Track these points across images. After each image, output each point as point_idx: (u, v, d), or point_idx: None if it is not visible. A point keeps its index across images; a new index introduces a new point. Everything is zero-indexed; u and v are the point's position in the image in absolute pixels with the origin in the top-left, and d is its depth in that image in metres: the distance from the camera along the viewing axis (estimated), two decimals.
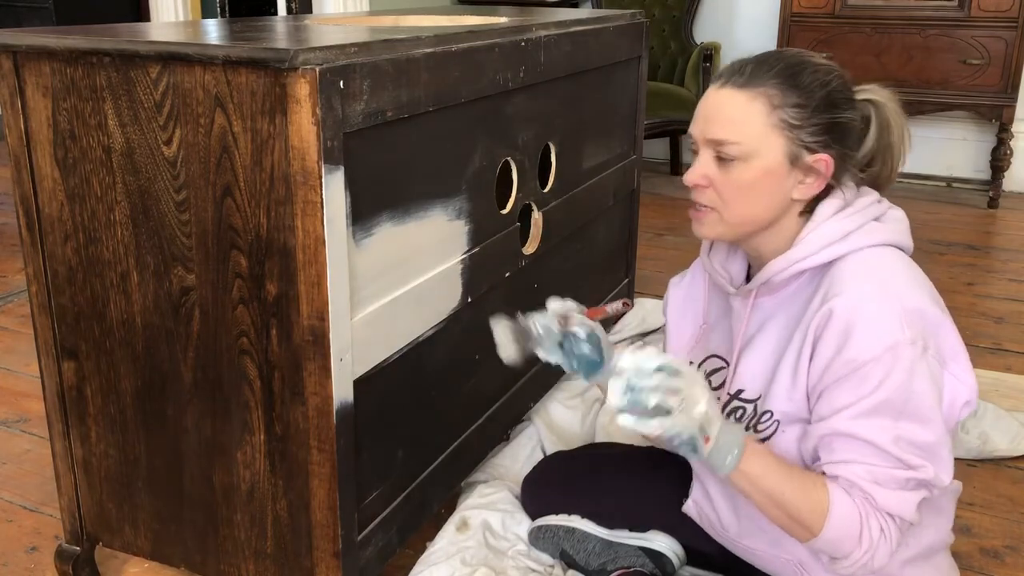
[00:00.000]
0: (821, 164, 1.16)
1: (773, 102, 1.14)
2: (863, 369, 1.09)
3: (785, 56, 1.18)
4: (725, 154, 1.16)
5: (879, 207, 1.22)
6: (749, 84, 1.15)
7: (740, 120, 1.15)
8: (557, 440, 1.89)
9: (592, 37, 1.95)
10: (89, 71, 1.19)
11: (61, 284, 1.32)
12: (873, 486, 1.10)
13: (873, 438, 1.09)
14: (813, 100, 1.14)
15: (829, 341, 1.11)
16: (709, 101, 1.19)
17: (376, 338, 1.27)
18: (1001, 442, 1.92)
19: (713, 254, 1.34)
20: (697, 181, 1.18)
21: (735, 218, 1.19)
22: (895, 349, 1.08)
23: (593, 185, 2.07)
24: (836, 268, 1.16)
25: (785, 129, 1.14)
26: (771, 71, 1.15)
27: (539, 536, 1.54)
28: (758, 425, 1.22)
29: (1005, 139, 3.87)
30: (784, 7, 3.98)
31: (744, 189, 1.16)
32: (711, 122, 1.17)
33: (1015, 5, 3.62)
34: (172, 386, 1.30)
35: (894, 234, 1.19)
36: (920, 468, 1.10)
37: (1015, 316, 2.72)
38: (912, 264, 1.19)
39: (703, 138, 1.18)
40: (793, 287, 1.21)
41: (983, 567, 1.59)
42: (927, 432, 1.10)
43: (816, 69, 1.16)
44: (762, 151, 1.15)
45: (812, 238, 1.17)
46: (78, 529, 1.46)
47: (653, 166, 4.65)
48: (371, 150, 1.20)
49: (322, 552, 1.27)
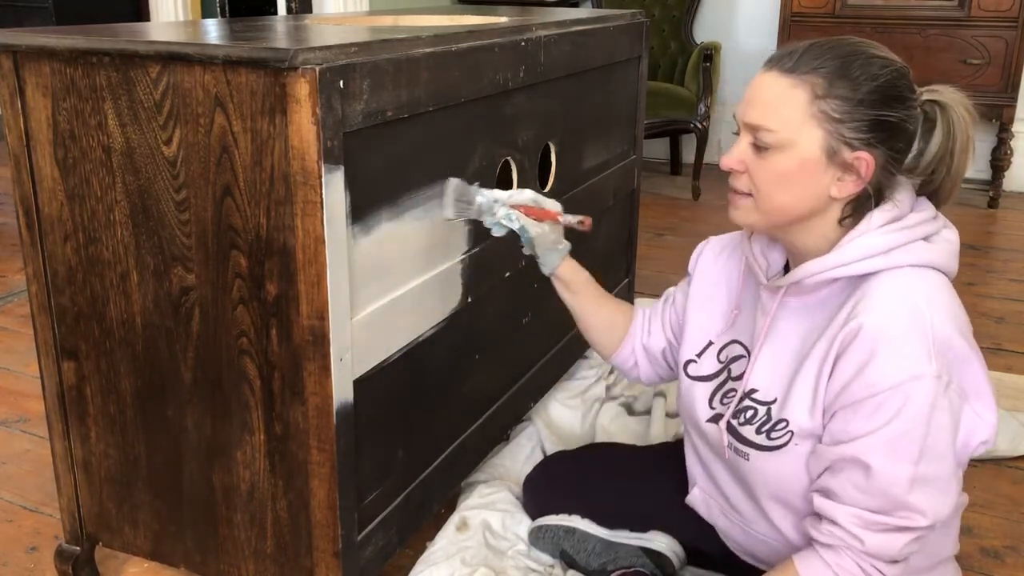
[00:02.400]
0: (861, 163, 1.09)
1: (816, 92, 1.08)
2: (880, 396, 1.05)
3: (841, 44, 1.12)
4: (761, 141, 1.12)
5: (932, 225, 1.16)
6: (795, 70, 1.10)
7: (779, 106, 1.10)
8: (557, 440, 1.89)
9: (592, 37, 1.95)
10: (89, 71, 1.19)
11: (61, 284, 1.32)
12: (861, 531, 1.09)
13: (886, 476, 1.06)
14: (859, 94, 1.08)
15: (852, 359, 1.08)
16: (754, 83, 1.14)
17: (376, 338, 1.27)
18: (1001, 442, 1.92)
19: (755, 239, 1.29)
20: (732, 166, 1.15)
21: (768, 207, 1.14)
22: (919, 380, 1.04)
23: (593, 185, 2.07)
24: (871, 283, 1.11)
25: (825, 121, 1.09)
26: (821, 59, 1.09)
27: (539, 536, 1.54)
28: (771, 432, 1.19)
29: (1005, 139, 3.87)
30: (784, 7, 3.98)
31: (778, 179, 1.12)
32: (751, 105, 1.13)
33: (1015, 5, 3.62)
34: (172, 386, 1.30)
35: (940, 256, 1.14)
36: (918, 516, 1.07)
37: (1015, 316, 2.72)
38: (952, 292, 1.13)
39: (743, 121, 1.14)
40: (824, 293, 1.17)
41: (983, 567, 1.59)
42: (942, 469, 1.08)
43: (870, 61, 1.10)
44: (798, 141, 1.10)
45: (853, 246, 1.12)
46: (78, 529, 1.46)
47: (653, 166, 4.65)
48: (371, 150, 1.20)
49: (322, 552, 1.27)
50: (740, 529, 1.33)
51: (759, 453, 1.20)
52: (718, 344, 1.33)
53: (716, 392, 1.31)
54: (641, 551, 1.46)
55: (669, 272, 3.06)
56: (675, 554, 1.45)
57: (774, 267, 1.27)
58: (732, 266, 1.36)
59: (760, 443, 1.20)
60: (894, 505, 1.07)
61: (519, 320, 1.78)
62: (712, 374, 1.32)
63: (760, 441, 1.20)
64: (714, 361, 1.33)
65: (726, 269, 1.36)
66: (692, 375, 1.34)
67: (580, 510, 1.51)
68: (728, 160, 1.16)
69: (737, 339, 1.31)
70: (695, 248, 1.44)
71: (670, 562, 1.45)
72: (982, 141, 4.15)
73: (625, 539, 1.47)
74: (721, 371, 1.31)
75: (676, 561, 1.45)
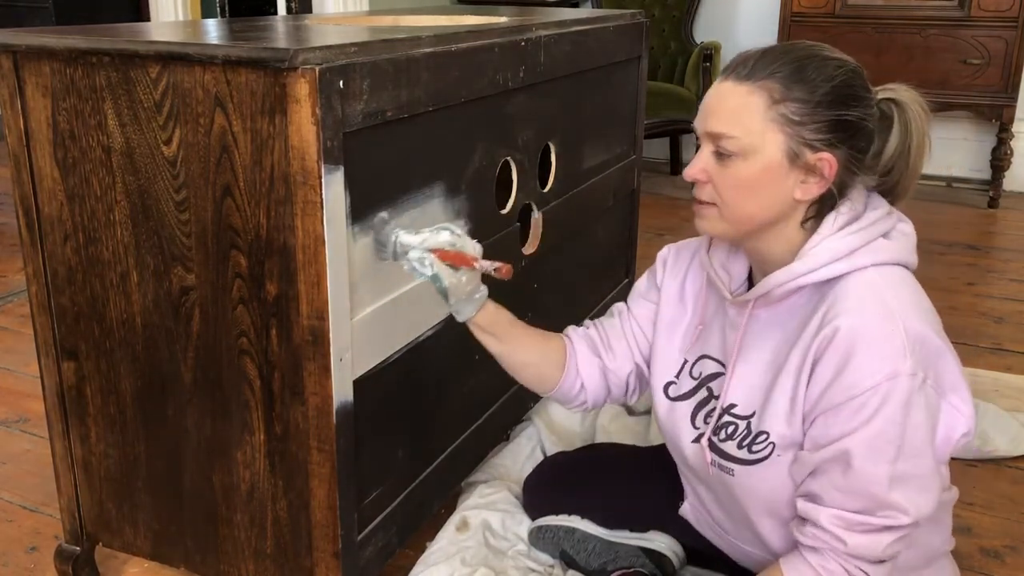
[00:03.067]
0: (824, 164, 1.10)
1: (774, 96, 1.09)
2: (860, 398, 1.06)
3: (795, 48, 1.13)
4: (723, 148, 1.12)
5: (888, 221, 1.17)
6: (751, 77, 1.11)
7: (739, 113, 1.11)
8: (557, 440, 1.89)
9: (592, 37, 1.95)
10: (89, 71, 1.19)
11: (61, 284, 1.32)
12: (844, 532, 1.09)
13: (864, 475, 1.07)
14: (816, 95, 1.09)
15: (828, 363, 1.09)
16: (711, 93, 1.15)
17: (376, 338, 1.27)
18: (1001, 442, 1.92)
19: (713, 252, 1.30)
20: (696, 176, 1.16)
21: (734, 216, 1.15)
22: (895, 379, 1.05)
23: (593, 185, 2.07)
24: (840, 287, 1.12)
25: (785, 125, 1.09)
26: (775, 63, 1.11)
27: (539, 536, 1.54)
28: (752, 446, 1.19)
29: (1005, 139, 3.87)
30: (784, 7, 3.98)
31: (742, 186, 1.12)
32: (711, 115, 1.14)
33: (1015, 5, 3.62)
34: (172, 386, 1.30)
35: (901, 252, 1.15)
36: (900, 515, 1.07)
37: (1015, 316, 2.72)
38: (916, 286, 1.15)
39: (703, 131, 1.15)
40: (791, 300, 1.18)
41: (983, 567, 1.59)
42: (920, 467, 1.08)
43: (825, 63, 1.11)
44: (760, 147, 1.10)
45: (816, 252, 1.12)
46: (78, 529, 1.46)
47: (653, 166, 4.65)
48: (371, 150, 1.20)
49: (322, 552, 1.27)
50: (728, 543, 1.34)
51: (743, 467, 1.20)
52: (690, 360, 1.32)
53: (698, 411, 1.29)
54: (641, 551, 1.46)
55: None
56: (675, 554, 1.45)
57: (737, 279, 1.27)
58: (692, 279, 1.35)
59: (743, 457, 1.20)
60: (876, 504, 1.08)
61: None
62: (689, 391, 1.31)
63: (742, 455, 1.20)
64: (688, 379, 1.32)
65: (687, 283, 1.35)
66: (673, 396, 1.33)
67: (580, 510, 1.51)
68: (691, 171, 1.16)
69: (707, 354, 1.29)
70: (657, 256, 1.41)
71: (670, 562, 1.45)
72: (982, 141, 4.15)
73: (625, 539, 1.47)
74: (698, 388, 1.30)
75: (676, 561, 1.45)
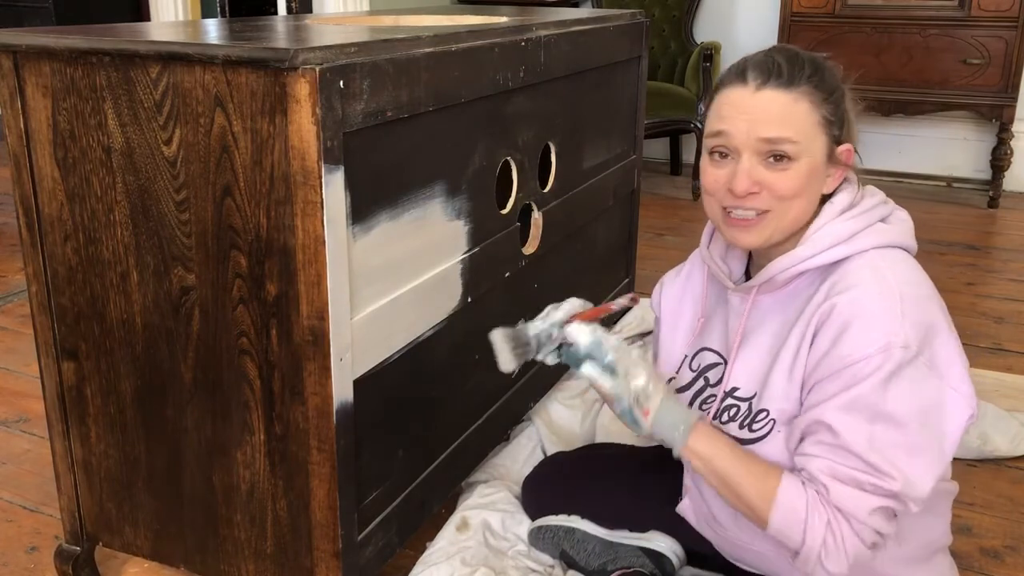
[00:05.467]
0: (845, 154, 1.18)
1: (814, 100, 1.14)
2: (854, 367, 1.09)
3: (800, 53, 1.18)
4: (782, 152, 1.13)
5: (885, 208, 1.22)
6: (792, 83, 1.14)
7: (792, 119, 1.14)
8: (557, 440, 1.89)
9: (592, 37, 1.95)
10: (89, 71, 1.19)
11: (61, 284, 1.32)
12: (830, 480, 1.10)
13: (847, 437, 1.09)
14: (835, 95, 1.16)
15: (827, 334, 1.12)
16: (751, 103, 1.14)
17: (376, 338, 1.27)
18: (1001, 442, 1.92)
19: (713, 246, 1.33)
20: (750, 188, 1.15)
21: (786, 219, 1.17)
22: (887, 351, 1.08)
23: (593, 185, 2.07)
24: (842, 269, 1.15)
25: (825, 126, 1.15)
26: (803, 68, 1.15)
27: (539, 536, 1.54)
28: (753, 424, 1.21)
29: (1005, 139, 3.86)
30: (784, 7, 3.98)
31: (799, 188, 1.15)
32: (761, 122, 1.13)
33: (1015, 5, 3.62)
34: (172, 386, 1.30)
35: (900, 235, 1.19)
36: (886, 478, 1.08)
37: (1015, 316, 2.72)
38: (917, 267, 1.19)
39: (754, 138, 1.13)
40: (793, 286, 1.21)
41: (983, 567, 1.59)
42: (901, 436, 1.09)
43: (824, 63, 1.18)
44: (811, 149, 1.15)
45: (819, 237, 1.17)
46: (78, 529, 1.46)
47: (653, 166, 4.65)
48: (371, 150, 1.20)
49: (322, 552, 1.27)
50: (724, 539, 1.35)
51: (744, 447, 1.22)
52: (689, 355, 1.36)
53: (695, 398, 1.33)
54: (641, 551, 1.46)
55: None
56: (675, 554, 1.45)
57: (736, 271, 1.31)
58: (694, 280, 1.40)
59: (744, 437, 1.22)
60: (863, 464, 1.09)
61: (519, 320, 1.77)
62: (688, 383, 1.35)
63: (743, 435, 1.22)
64: (687, 371, 1.36)
65: (688, 287, 1.40)
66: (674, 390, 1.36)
67: (580, 510, 1.51)
68: (743, 183, 1.14)
69: (707, 346, 1.33)
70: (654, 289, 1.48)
71: (670, 562, 1.45)
72: (982, 141, 4.15)
73: (625, 539, 1.47)
74: (696, 379, 1.34)
75: (676, 561, 1.45)
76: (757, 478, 1.15)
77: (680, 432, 1.18)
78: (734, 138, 1.15)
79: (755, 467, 1.17)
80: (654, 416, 1.17)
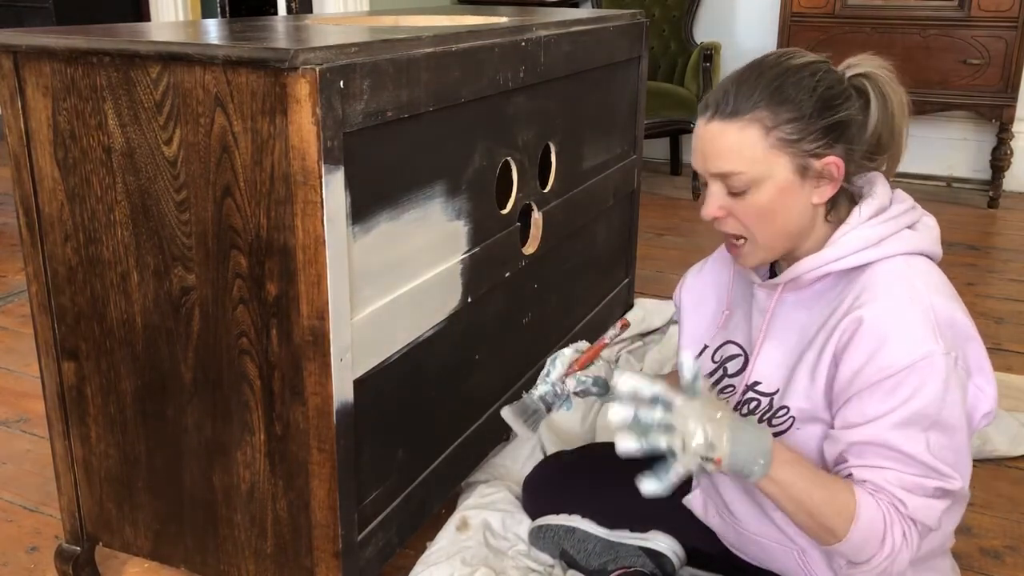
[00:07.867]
0: (831, 168, 1.14)
1: (766, 124, 1.12)
2: (896, 376, 1.08)
3: (765, 70, 1.15)
4: (734, 186, 1.15)
5: (913, 214, 1.22)
6: (737, 113, 1.13)
7: (737, 151, 1.13)
8: (557, 440, 1.89)
9: (592, 37, 1.95)
10: (89, 71, 1.19)
11: (61, 284, 1.32)
12: (903, 492, 1.10)
13: (907, 448, 1.09)
14: (804, 110, 1.12)
15: (861, 347, 1.10)
16: (702, 136, 1.17)
17: (376, 338, 1.27)
18: (1001, 442, 1.92)
19: None
20: (714, 213, 1.18)
21: (767, 241, 1.18)
22: (930, 359, 1.08)
23: (593, 185, 2.07)
24: (868, 274, 1.15)
25: (785, 146, 1.12)
26: (755, 92, 1.12)
27: (539, 536, 1.54)
28: (773, 419, 1.22)
29: (1005, 139, 3.87)
30: (784, 7, 3.98)
31: (764, 213, 1.15)
32: (710, 157, 1.16)
33: (1015, 5, 3.62)
34: (172, 386, 1.30)
35: (925, 242, 1.19)
36: (948, 478, 1.10)
37: (1015, 316, 2.72)
38: (942, 275, 1.19)
39: (707, 173, 1.17)
40: (819, 286, 1.21)
41: (983, 567, 1.59)
42: (955, 441, 1.11)
43: (799, 75, 1.13)
44: (769, 173, 1.13)
45: (846, 240, 1.17)
46: (78, 529, 1.46)
47: (653, 166, 4.65)
48: (371, 150, 1.20)
49: (322, 552, 1.27)
50: (733, 529, 1.35)
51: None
52: (712, 347, 1.36)
53: (713, 387, 1.34)
54: (641, 551, 1.46)
55: (669, 272, 3.06)
56: (675, 554, 1.45)
57: (761, 269, 1.31)
58: (720, 273, 1.40)
59: None
60: (928, 469, 1.10)
61: (519, 320, 1.78)
62: (709, 373, 1.36)
63: None
64: (709, 362, 1.36)
65: (713, 280, 1.40)
66: None
67: (580, 510, 1.51)
68: (708, 210, 1.18)
69: (731, 339, 1.34)
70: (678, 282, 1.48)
71: (670, 562, 1.45)
72: (982, 141, 4.15)
73: (625, 539, 1.47)
74: (716, 369, 1.35)
75: (676, 561, 1.45)
76: (832, 494, 1.11)
77: (760, 466, 1.09)
78: (697, 170, 1.20)
79: (828, 483, 1.12)
80: (728, 462, 1.08)
